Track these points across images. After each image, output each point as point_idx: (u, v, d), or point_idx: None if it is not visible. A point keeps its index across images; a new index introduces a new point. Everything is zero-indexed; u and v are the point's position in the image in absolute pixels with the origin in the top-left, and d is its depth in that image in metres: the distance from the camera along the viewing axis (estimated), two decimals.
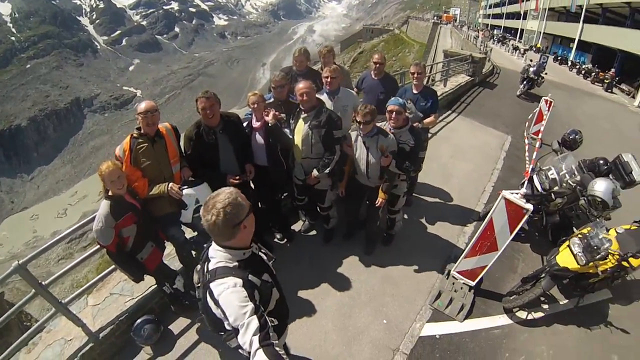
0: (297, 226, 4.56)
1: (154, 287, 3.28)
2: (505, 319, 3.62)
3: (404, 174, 3.43)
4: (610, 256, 3.23)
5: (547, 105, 7.43)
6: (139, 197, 2.82)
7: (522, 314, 3.65)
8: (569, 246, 3.43)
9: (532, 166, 4.66)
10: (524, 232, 4.74)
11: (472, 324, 3.50)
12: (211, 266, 1.64)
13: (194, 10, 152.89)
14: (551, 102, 7.43)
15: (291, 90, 3.64)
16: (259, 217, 3.88)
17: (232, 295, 1.51)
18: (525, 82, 12.11)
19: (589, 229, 3.43)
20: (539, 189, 4.21)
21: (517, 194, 3.10)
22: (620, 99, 16.52)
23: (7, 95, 78.93)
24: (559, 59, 25.28)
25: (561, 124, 8.94)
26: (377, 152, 3.33)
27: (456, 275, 3.77)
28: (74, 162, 75.82)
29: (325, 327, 3.30)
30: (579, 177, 4.14)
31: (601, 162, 4.39)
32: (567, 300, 3.84)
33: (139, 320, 3.05)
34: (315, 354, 3.06)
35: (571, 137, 5.09)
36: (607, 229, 3.61)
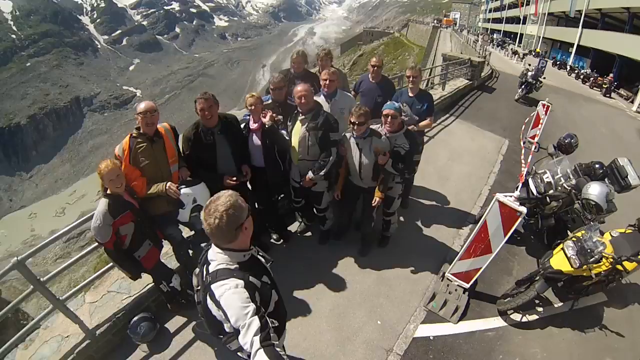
0: (293, 227, 4.58)
1: (151, 285, 3.30)
2: (499, 321, 3.63)
3: (398, 174, 3.45)
4: (604, 259, 3.24)
5: (544, 109, 7.45)
6: (137, 196, 2.85)
7: (517, 317, 3.66)
8: (562, 249, 3.43)
9: (527, 169, 4.69)
10: (520, 235, 4.78)
11: (466, 326, 3.52)
12: (212, 268, 1.65)
13: (194, 10, 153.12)
14: (548, 107, 7.45)
15: (289, 92, 3.68)
16: (256, 217, 3.91)
17: (234, 296, 1.53)
18: (523, 86, 12.16)
19: (583, 232, 3.42)
20: (534, 192, 4.24)
21: (511, 196, 3.12)
22: (618, 103, 16.59)
23: (7, 93, 78.77)
24: (558, 63, 25.40)
25: (559, 128, 8.99)
26: (371, 153, 3.36)
27: (451, 277, 3.79)
28: (73, 161, 75.67)
29: (319, 327, 3.32)
30: (574, 181, 4.18)
31: (597, 166, 4.41)
32: (561, 303, 3.85)
33: (136, 318, 3.08)
34: (309, 353, 3.08)
35: (566, 141, 5.12)
36: (602, 233, 3.64)
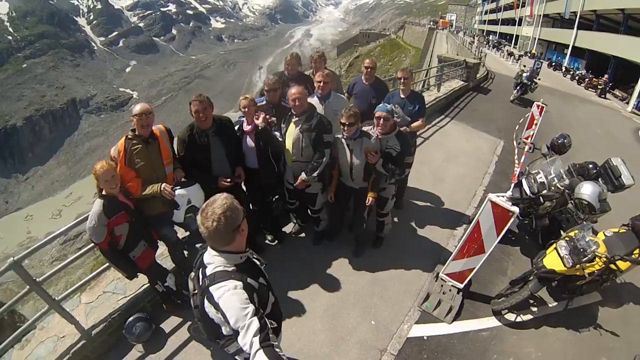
0: (288, 228, 4.60)
1: (146, 286, 3.31)
2: (493, 321, 3.64)
3: (389, 175, 3.48)
4: (597, 259, 3.25)
5: (539, 110, 7.49)
6: (132, 197, 2.88)
7: (511, 316, 3.66)
8: (556, 249, 3.44)
9: (520, 170, 4.72)
10: (514, 236, 4.80)
11: (461, 326, 3.53)
12: (209, 271, 1.66)
13: (191, 12, 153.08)
14: (543, 107, 7.48)
15: (283, 94, 3.70)
16: (250, 218, 3.92)
17: (233, 297, 1.54)
18: (518, 88, 12.21)
19: (576, 231, 3.43)
20: (528, 192, 4.27)
21: (503, 196, 3.15)
22: (613, 104, 16.69)
23: (3, 94, 78.39)
24: (553, 64, 25.48)
25: (554, 129, 9.02)
26: (361, 154, 3.38)
27: (445, 277, 3.80)
28: (70, 163, 75.36)
29: (313, 327, 3.33)
30: (567, 181, 4.20)
31: (590, 166, 4.43)
32: (556, 302, 3.87)
33: (131, 318, 3.09)
34: (303, 353, 3.09)
35: (559, 141, 5.15)
36: (596, 232, 3.66)
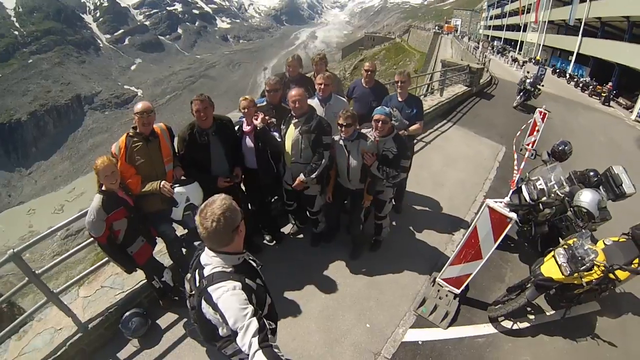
0: (286, 229, 4.60)
1: (143, 281, 3.34)
2: (490, 327, 3.62)
3: (383, 178, 3.48)
4: (595, 267, 3.21)
5: (541, 116, 7.48)
6: (131, 193, 2.91)
7: (507, 324, 3.64)
8: (554, 256, 3.41)
9: (519, 176, 4.71)
10: (513, 242, 4.79)
11: (456, 332, 3.51)
12: (207, 272, 1.65)
13: (197, 12, 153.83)
14: (545, 114, 7.47)
15: (284, 95, 3.71)
16: (249, 219, 3.93)
17: (232, 297, 1.54)
18: (522, 94, 12.17)
19: (575, 239, 3.40)
20: (527, 199, 4.25)
21: (501, 202, 3.13)
22: (617, 112, 16.61)
23: (8, 89, 78.83)
24: (558, 71, 25.50)
25: (556, 136, 8.97)
26: (358, 155, 3.41)
27: (441, 282, 3.80)
28: (73, 159, 75.64)
29: (308, 328, 3.34)
30: (567, 188, 4.17)
31: (591, 173, 4.42)
32: (553, 311, 3.84)
33: (128, 313, 3.12)
34: (297, 354, 3.09)
35: (560, 148, 5.13)
36: (596, 241, 3.64)
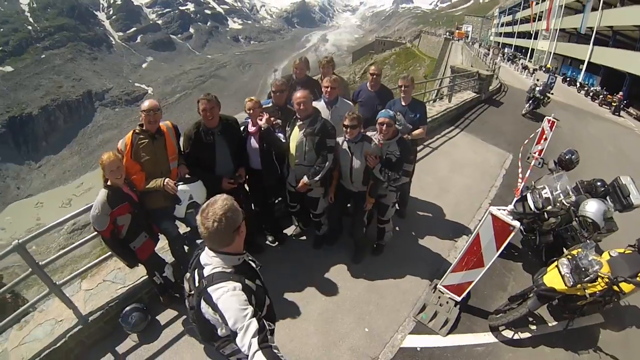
0: (289, 230, 4.61)
1: (145, 277, 3.37)
2: (490, 336, 3.57)
3: (384, 180, 3.48)
4: (599, 279, 3.16)
5: (550, 124, 7.40)
6: (136, 189, 2.95)
7: (508, 333, 3.59)
8: (557, 266, 3.36)
9: (523, 184, 4.66)
10: (517, 251, 4.74)
11: (455, 339, 3.47)
12: (206, 272, 1.66)
13: (209, 12, 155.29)
14: (554, 122, 7.39)
15: (290, 97, 3.73)
16: (252, 219, 3.95)
17: (232, 298, 1.54)
18: (531, 101, 12.08)
19: (579, 250, 3.34)
20: (532, 207, 4.20)
21: (505, 210, 3.11)
22: (627, 122, 16.42)
23: (21, 83, 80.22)
24: (568, 80, 25.26)
25: (564, 145, 8.89)
26: (362, 157, 3.42)
27: (442, 289, 3.76)
28: (82, 154, 76.68)
29: (307, 330, 3.33)
30: (573, 198, 4.09)
31: (598, 183, 4.36)
32: (556, 322, 3.78)
33: (128, 307, 3.15)
34: (294, 355, 3.09)
35: (567, 157, 5.06)
36: (601, 252, 3.58)
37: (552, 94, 12.69)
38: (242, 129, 3.57)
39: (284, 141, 3.55)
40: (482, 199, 6.07)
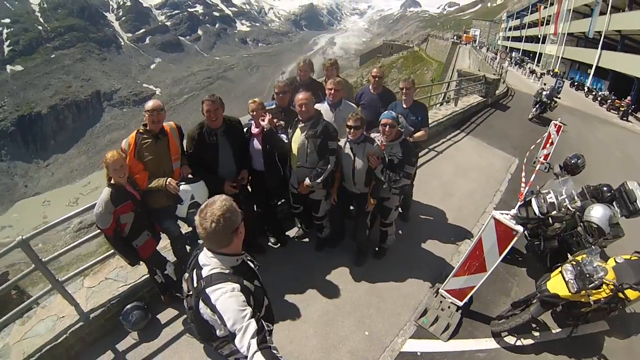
0: (292, 232, 4.60)
1: (146, 276, 3.39)
2: (492, 342, 3.52)
3: (385, 181, 3.47)
4: (604, 286, 3.11)
5: (556, 129, 7.35)
6: (139, 188, 2.97)
7: (511, 339, 3.54)
8: (561, 272, 3.31)
9: (528, 188, 4.61)
10: (521, 256, 4.69)
11: (457, 345, 3.43)
12: (205, 273, 1.66)
13: (217, 14, 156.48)
14: (560, 127, 7.33)
15: (293, 99, 3.74)
16: (254, 220, 3.96)
17: (231, 299, 1.54)
18: (537, 106, 11.98)
19: (584, 255, 3.28)
20: (537, 212, 4.15)
21: (508, 214, 3.07)
22: (635, 127, 16.24)
23: (31, 82, 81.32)
24: (576, 84, 25.08)
25: (571, 149, 8.80)
26: (364, 158, 3.41)
27: (444, 293, 3.73)
28: (90, 153, 77.43)
29: (306, 332, 3.32)
30: (579, 203, 4.05)
31: (605, 188, 4.31)
32: (559, 329, 3.72)
33: (129, 305, 3.17)
34: (293, 357, 3.08)
35: (573, 161, 5.02)
36: (607, 258, 3.52)
37: (560, 98, 12.62)
38: (245, 130, 3.58)
39: (287, 142, 3.55)
40: (487, 203, 6.02)
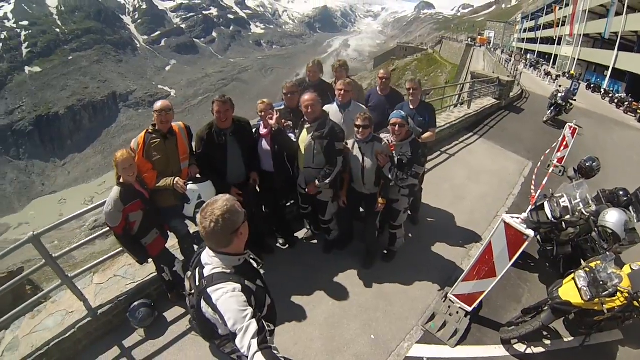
0: (301, 233, 4.60)
1: (154, 274, 3.44)
2: (501, 350, 3.44)
3: (392, 179, 3.43)
4: (619, 294, 2.99)
5: (571, 131, 7.18)
6: (147, 187, 3.01)
7: (521, 347, 3.45)
8: (574, 279, 3.20)
9: (540, 192, 4.50)
10: (534, 262, 4.58)
11: (464, 351, 3.36)
12: (206, 272, 1.66)
13: (232, 17, 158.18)
14: (575, 129, 7.17)
15: None
16: (262, 220, 3.95)
17: (232, 299, 1.54)
18: (552, 108, 11.73)
19: (598, 262, 3.17)
20: (550, 216, 4.04)
21: (519, 218, 3.00)
22: None
23: (48, 83, 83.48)
24: (592, 86, 24.49)
25: (587, 153, 8.58)
26: (373, 157, 3.39)
27: (453, 298, 3.65)
28: (105, 153, 78.97)
29: (311, 334, 3.30)
30: (594, 207, 3.91)
31: (621, 193, 4.20)
32: (572, 337, 3.61)
33: (136, 303, 3.22)
34: (297, 359, 3.06)
35: (587, 164, 4.88)
36: (622, 265, 3.41)
37: (575, 100, 12.34)
38: (254, 131, 3.59)
39: (296, 141, 3.54)
40: (499, 207, 5.91)
